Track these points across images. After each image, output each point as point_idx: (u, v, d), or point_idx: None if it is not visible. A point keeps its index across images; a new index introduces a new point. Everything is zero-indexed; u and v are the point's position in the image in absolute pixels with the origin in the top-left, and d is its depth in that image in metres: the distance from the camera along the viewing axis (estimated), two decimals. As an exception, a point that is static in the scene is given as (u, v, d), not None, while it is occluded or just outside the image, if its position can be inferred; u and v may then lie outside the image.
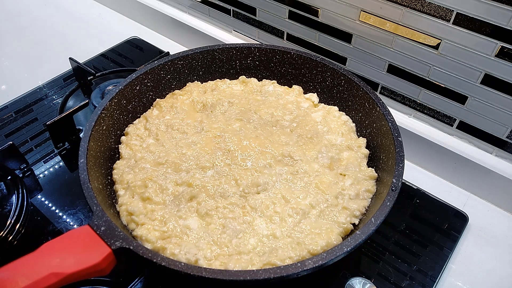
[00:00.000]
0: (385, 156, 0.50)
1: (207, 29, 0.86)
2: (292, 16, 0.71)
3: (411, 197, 0.61)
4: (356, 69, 0.68)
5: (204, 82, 0.64)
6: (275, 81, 0.64)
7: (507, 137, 0.59)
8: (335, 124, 0.57)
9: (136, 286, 0.50)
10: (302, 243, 0.44)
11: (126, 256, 0.41)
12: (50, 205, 0.59)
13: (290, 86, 0.63)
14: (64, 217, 0.57)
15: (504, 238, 0.58)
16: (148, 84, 0.60)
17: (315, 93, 0.62)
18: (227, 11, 0.81)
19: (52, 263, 0.38)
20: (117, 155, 0.55)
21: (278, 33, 0.76)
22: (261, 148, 0.53)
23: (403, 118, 0.67)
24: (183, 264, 0.39)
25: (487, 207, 0.62)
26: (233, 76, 0.65)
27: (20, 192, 0.58)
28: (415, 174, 0.65)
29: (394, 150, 0.48)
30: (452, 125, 0.63)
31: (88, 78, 0.77)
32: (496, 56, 0.53)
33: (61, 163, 0.65)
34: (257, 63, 0.64)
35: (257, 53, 0.63)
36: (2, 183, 0.59)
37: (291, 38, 0.74)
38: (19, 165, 0.63)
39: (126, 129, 0.57)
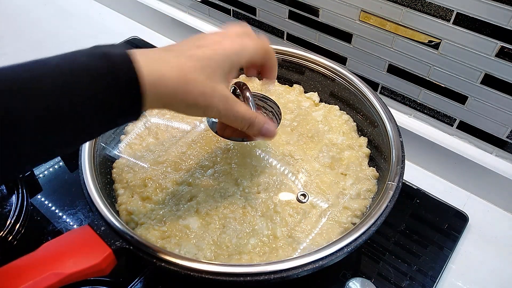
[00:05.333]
0: (385, 155, 0.50)
1: (207, 29, 0.86)
2: (292, 16, 0.71)
3: (411, 197, 0.61)
4: (356, 69, 0.68)
5: (204, 82, 0.64)
6: (276, 80, 0.64)
7: (507, 137, 0.59)
8: (336, 123, 0.57)
9: (136, 286, 0.50)
10: (303, 243, 0.44)
11: (126, 256, 0.41)
12: (50, 205, 0.59)
13: (291, 85, 0.63)
14: (64, 217, 0.57)
15: (504, 238, 0.58)
16: (148, 84, 0.60)
17: (316, 92, 0.62)
18: (227, 11, 0.81)
19: (52, 263, 0.38)
20: (117, 154, 0.55)
21: (278, 33, 0.76)
22: (261, 147, 0.53)
23: (403, 118, 0.67)
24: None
25: (487, 207, 0.62)
26: (233, 76, 0.65)
27: (20, 192, 0.58)
28: (415, 174, 0.65)
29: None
30: (452, 125, 0.63)
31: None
32: (496, 56, 0.53)
33: (61, 163, 0.65)
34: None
35: (257, 53, 0.63)
36: (2, 183, 0.59)
37: (291, 38, 0.74)
38: (19, 165, 0.63)
39: (125, 127, 0.57)
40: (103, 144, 0.53)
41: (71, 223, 0.57)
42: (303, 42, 0.73)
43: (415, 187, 0.62)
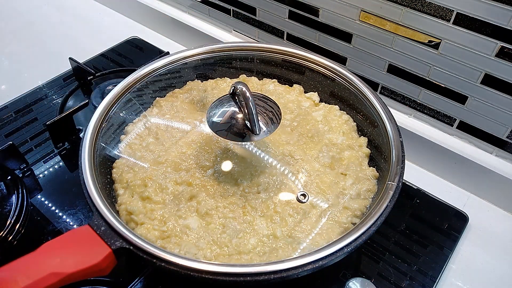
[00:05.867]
0: (385, 155, 0.50)
1: (207, 29, 0.85)
2: (292, 16, 0.71)
3: (411, 197, 0.61)
4: (356, 69, 0.68)
5: (204, 81, 0.64)
6: (276, 80, 0.64)
7: (507, 137, 0.59)
8: (336, 123, 0.57)
9: (136, 286, 0.50)
10: (303, 243, 0.44)
11: (126, 256, 0.41)
12: (50, 205, 0.59)
13: (291, 85, 0.63)
14: (64, 217, 0.57)
15: (504, 238, 0.58)
16: (148, 83, 0.60)
17: (316, 92, 0.62)
18: (227, 11, 0.81)
19: (52, 263, 0.38)
20: (117, 154, 0.55)
21: (278, 33, 0.76)
22: (261, 147, 0.53)
23: (403, 118, 0.67)
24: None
25: (487, 207, 0.62)
26: (234, 75, 0.65)
27: (20, 192, 0.58)
28: (415, 174, 0.65)
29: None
30: (452, 125, 0.63)
31: (88, 78, 0.77)
32: (496, 56, 0.53)
33: (61, 163, 0.65)
34: (257, 62, 0.64)
35: (258, 52, 0.63)
36: (2, 183, 0.59)
37: (291, 38, 0.74)
38: (19, 165, 0.63)
39: (125, 128, 0.57)
40: (103, 144, 0.53)
41: (71, 223, 0.57)
42: (303, 42, 0.73)
43: (415, 187, 0.62)
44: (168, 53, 0.83)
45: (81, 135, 0.51)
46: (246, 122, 0.47)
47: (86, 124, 0.52)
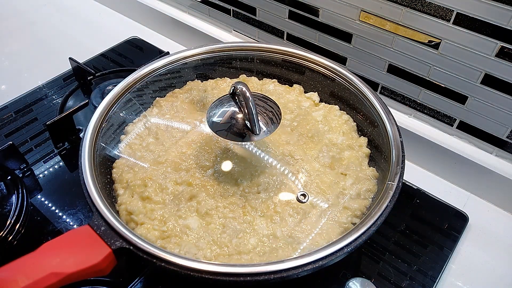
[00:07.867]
0: (385, 155, 0.50)
1: (207, 29, 0.86)
2: (292, 16, 0.71)
3: (411, 197, 0.61)
4: (356, 69, 0.68)
5: (204, 81, 0.64)
6: (276, 80, 0.64)
7: (507, 137, 0.59)
8: (336, 123, 0.57)
9: (136, 286, 0.50)
10: (303, 243, 0.44)
11: (126, 256, 0.41)
12: (50, 205, 0.59)
13: (291, 85, 0.63)
14: (64, 217, 0.57)
15: (504, 238, 0.58)
16: (148, 83, 0.60)
17: (316, 92, 0.62)
18: (227, 11, 0.81)
19: (52, 263, 0.38)
20: (117, 154, 0.55)
21: (278, 33, 0.76)
22: (261, 147, 0.53)
23: (403, 118, 0.67)
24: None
25: (487, 207, 0.62)
26: (234, 75, 0.65)
27: (20, 192, 0.58)
28: (415, 174, 0.65)
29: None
30: (452, 125, 0.63)
31: (88, 78, 0.77)
32: (496, 56, 0.53)
33: (61, 163, 0.65)
34: (257, 62, 0.64)
35: (258, 52, 0.63)
36: (2, 183, 0.59)
37: (291, 38, 0.74)
38: (19, 165, 0.63)
39: (125, 127, 0.57)
40: (103, 144, 0.53)
41: (71, 223, 0.57)
42: (303, 42, 0.73)
43: (415, 187, 0.62)
44: (168, 53, 0.83)
45: (81, 135, 0.51)
46: (246, 122, 0.47)
47: (86, 124, 0.52)
